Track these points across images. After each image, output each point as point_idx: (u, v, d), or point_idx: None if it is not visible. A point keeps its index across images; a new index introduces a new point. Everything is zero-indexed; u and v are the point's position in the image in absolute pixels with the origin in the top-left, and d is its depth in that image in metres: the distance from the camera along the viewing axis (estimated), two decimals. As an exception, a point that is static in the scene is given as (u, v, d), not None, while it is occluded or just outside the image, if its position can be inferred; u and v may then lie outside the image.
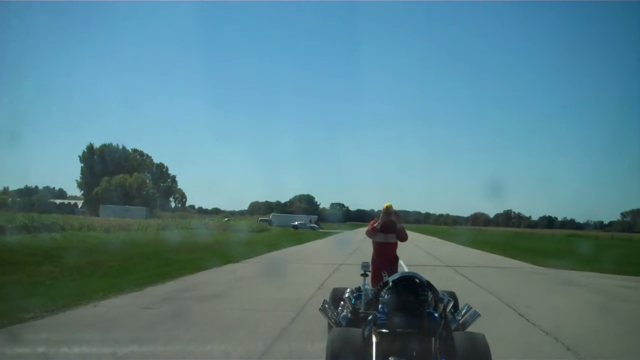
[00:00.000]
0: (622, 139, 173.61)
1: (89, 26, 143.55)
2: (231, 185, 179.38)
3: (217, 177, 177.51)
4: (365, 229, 8.93)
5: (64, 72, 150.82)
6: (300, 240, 40.84)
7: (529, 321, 9.57)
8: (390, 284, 5.41)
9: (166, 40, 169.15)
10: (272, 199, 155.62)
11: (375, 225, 8.46)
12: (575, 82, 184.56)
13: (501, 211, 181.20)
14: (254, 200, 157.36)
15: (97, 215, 74.42)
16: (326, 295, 7.34)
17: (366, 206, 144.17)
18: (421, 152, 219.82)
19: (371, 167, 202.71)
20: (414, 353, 4.70)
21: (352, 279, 10.02)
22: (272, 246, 31.18)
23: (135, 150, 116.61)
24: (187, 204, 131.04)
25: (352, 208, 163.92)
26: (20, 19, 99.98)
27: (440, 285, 5.73)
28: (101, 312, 9.44)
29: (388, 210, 8.39)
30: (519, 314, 10.27)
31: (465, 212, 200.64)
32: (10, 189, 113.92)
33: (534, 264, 23.78)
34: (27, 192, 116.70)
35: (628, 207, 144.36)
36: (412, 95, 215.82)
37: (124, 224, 38.93)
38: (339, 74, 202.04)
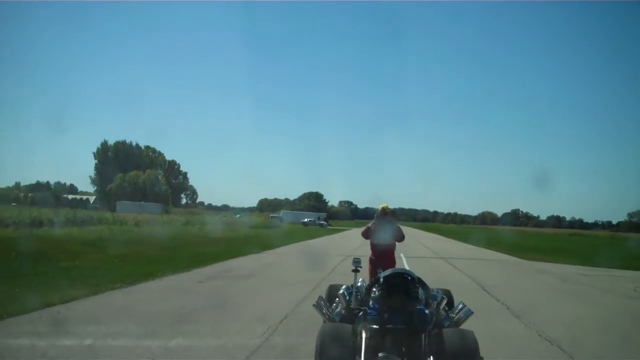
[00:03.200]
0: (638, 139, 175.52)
1: (111, 21, 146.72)
2: (241, 182, 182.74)
3: (227, 173, 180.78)
4: None
5: (79, 67, 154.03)
6: (311, 236, 43.92)
7: (489, 294, 12.70)
8: (382, 280, 5.48)
9: (196, 35, 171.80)
10: (282, 196, 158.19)
11: (370, 226, 8.59)
12: (587, 83, 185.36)
13: (509, 210, 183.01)
14: (262, 197, 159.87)
15: (114, 211, 76.95)
16: (337, 280, 8.38)
17: (375, 204, 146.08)
18: (433, 151, 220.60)
19: (385, 165, 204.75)
20: (404, 349, 4.83)
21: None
22: (286, 240, 33.93)
23: (148, 147, 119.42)
24: (197, 200, 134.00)
25: (361, 206, 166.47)
26: (46, 14, 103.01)
27: (428, 271, 7.95)
28: (169, 284, 12.61)
29: (384, 211, 8.52)
30: (484, 290, 13.39)
31: (474, 211, 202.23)
32: (22, 184, 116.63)
33: (520, 257, 26.73)
34: (38, 188, 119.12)
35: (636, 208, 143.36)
36: (434, 96, 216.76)
37: (150, 219, 42.38)
38: (376, 75, 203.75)
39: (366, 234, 8.68)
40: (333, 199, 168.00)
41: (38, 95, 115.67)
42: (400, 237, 8.59)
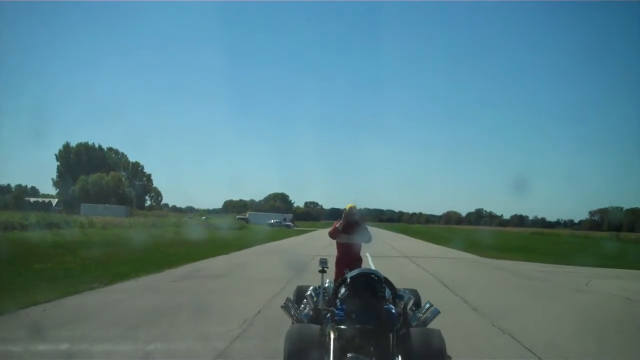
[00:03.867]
0: (599, 139, 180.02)
1: (79, 22, 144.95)
2: (206, 184, 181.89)
3: (192, 175, 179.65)
4: None
5: (42, 69, 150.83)
6: (279, 237, 44.49)
7: (448, 288, 13.54)
8: (349, 280, 5.57)
9: (160, 40, 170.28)
10: (247, 197, 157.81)
11: (337, 226, 8.47)
12: (552, 84, 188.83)
13: (473, 210, 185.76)
14: (227, 198, 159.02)
15: (78, 213, 76.08)
16: (306, 279, 8.74)
17: (340, 205, 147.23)
18: (398, 151, 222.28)
19: (353, 166, 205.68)
20: (372, 349, 4.83)
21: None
22: (254, 241, 34.36)
23: (110, 149, 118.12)
24: (162, 202, 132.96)
25: (326, 207, 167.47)
26: (6, 17, 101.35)
27: (392, 269, 8.37)
28: (144, 283, 13.07)
29: (351, 211, 8.40)
30: (444, 285, 14.24)
31: (439, 211, 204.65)
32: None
33: (480, 255, 27.80)
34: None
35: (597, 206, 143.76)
36: (399, 94, 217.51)
37: (117, 222, 42.39)
38: (335, 74, 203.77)
39: (333, 234, 8.57)
40: (299, 200, 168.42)
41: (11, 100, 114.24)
42: (367, 238, 8.52)
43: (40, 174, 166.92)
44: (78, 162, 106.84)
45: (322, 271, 6.64)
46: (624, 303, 12.59)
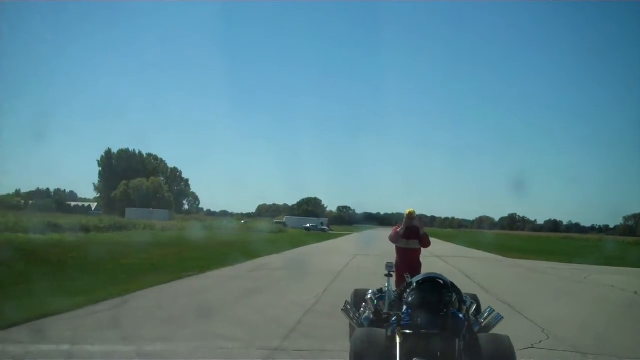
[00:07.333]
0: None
1: (109, 28, 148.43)
2: (239, 188, 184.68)
3: (221, 180, 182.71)
4: (371, 231, 10.13)
5: (79, 76, 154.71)
6: (318, 240, 47.99)
7: (469, 278, 16.83)
8: (414, 284, 5.51)
9: (184, 41, 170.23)
10: (280, 201, 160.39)
11: (398, 230, 8.59)
12: (581, 84, 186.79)
13: (506, 215, 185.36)
14: (255, 202, 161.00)
15: (122, 217, 79.69)
16: (352, 272, 11.32)
17: (372, 209, 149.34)
18: (429, 156, 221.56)
19: (380, 169, 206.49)
20: (438, 354, 4.83)
21: (366, 263, 17.22)
22: (297, 243, 38.14)
23: (150, 155, 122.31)
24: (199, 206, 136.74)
25: (359, 211, 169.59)
26: (42, 19, 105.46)
27: (423, 266, 10.73)
28: (226, 273, 16.61)
29: (411, 216, 8.51)
30: (466, 275, 17.53)
31: (471, 216, 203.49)
32: (22, 191, 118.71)
33: (502, 256, 31.01)
34: (39, 194, 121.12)
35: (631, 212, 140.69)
36: (423, 98, 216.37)
37: (171, 225, 46.58)
38: (358, 76, 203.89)
39: (394, 238, 8.72)
40: (331, 205, 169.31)
41: (34, 103, 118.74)
42: (427, 243, 8.69)
43: (76, 179, 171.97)
44: (119, 167, 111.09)
45: (389, 275, 6.80)
46: (606, 289, 15.84)
